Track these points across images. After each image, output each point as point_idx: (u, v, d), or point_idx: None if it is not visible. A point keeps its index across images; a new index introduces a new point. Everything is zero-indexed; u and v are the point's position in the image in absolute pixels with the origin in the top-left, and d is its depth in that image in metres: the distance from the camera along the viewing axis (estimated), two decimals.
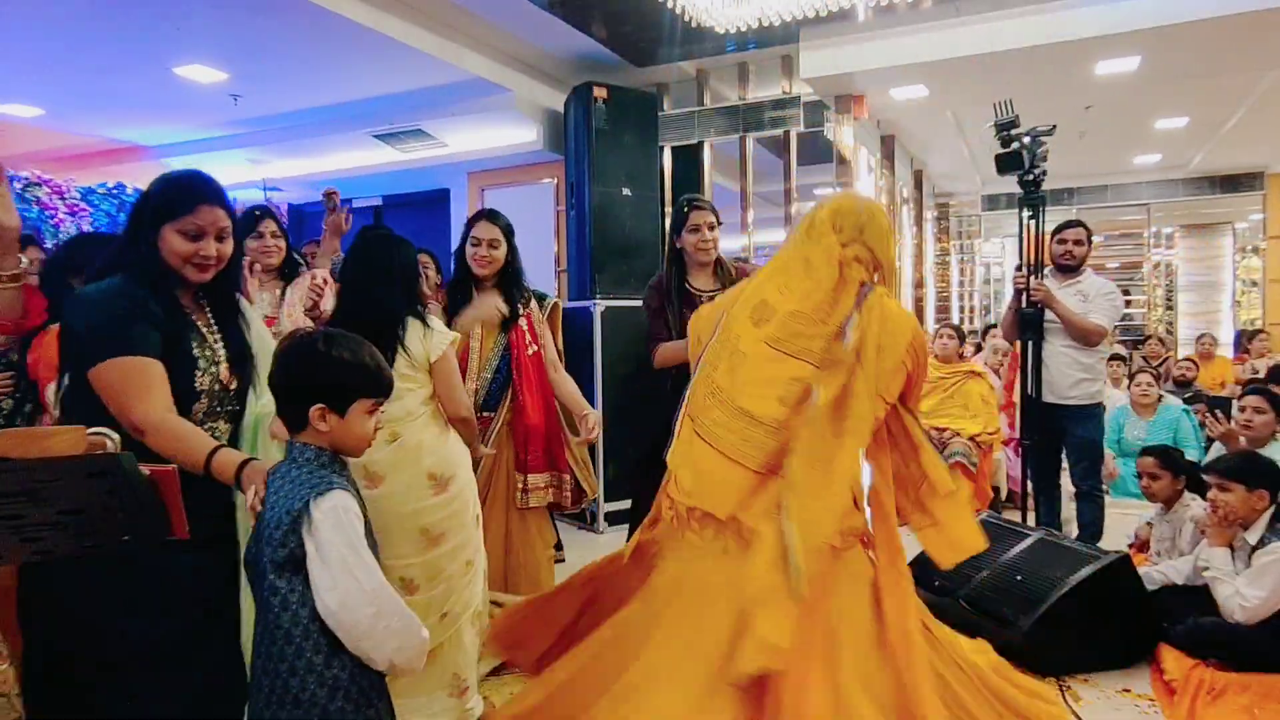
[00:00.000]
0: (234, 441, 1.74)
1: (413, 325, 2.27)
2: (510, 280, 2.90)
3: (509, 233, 2.88)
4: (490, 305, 2.86)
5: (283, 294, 2.86)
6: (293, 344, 1.53)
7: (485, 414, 2.85)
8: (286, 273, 2.92)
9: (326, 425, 1.45)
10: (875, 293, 1.88)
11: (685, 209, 2.98)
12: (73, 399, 1.62)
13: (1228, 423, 3.56)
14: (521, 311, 2.90)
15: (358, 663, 1.40)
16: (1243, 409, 3.56)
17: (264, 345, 1.83)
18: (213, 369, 1.69)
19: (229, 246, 1.70)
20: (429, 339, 2.28)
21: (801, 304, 1.84)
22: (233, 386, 1.72)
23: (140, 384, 1.54)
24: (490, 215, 2.88)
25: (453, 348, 2.33)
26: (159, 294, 1.64)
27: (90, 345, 1.56)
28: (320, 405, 1.44)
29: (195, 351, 1.66)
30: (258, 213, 2.89)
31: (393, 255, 2.34)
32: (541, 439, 2.90)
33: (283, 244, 2.92)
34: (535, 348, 2.91)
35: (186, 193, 1.65)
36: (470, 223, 2.89)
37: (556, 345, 3.06)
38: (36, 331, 2.36)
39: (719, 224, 3.01)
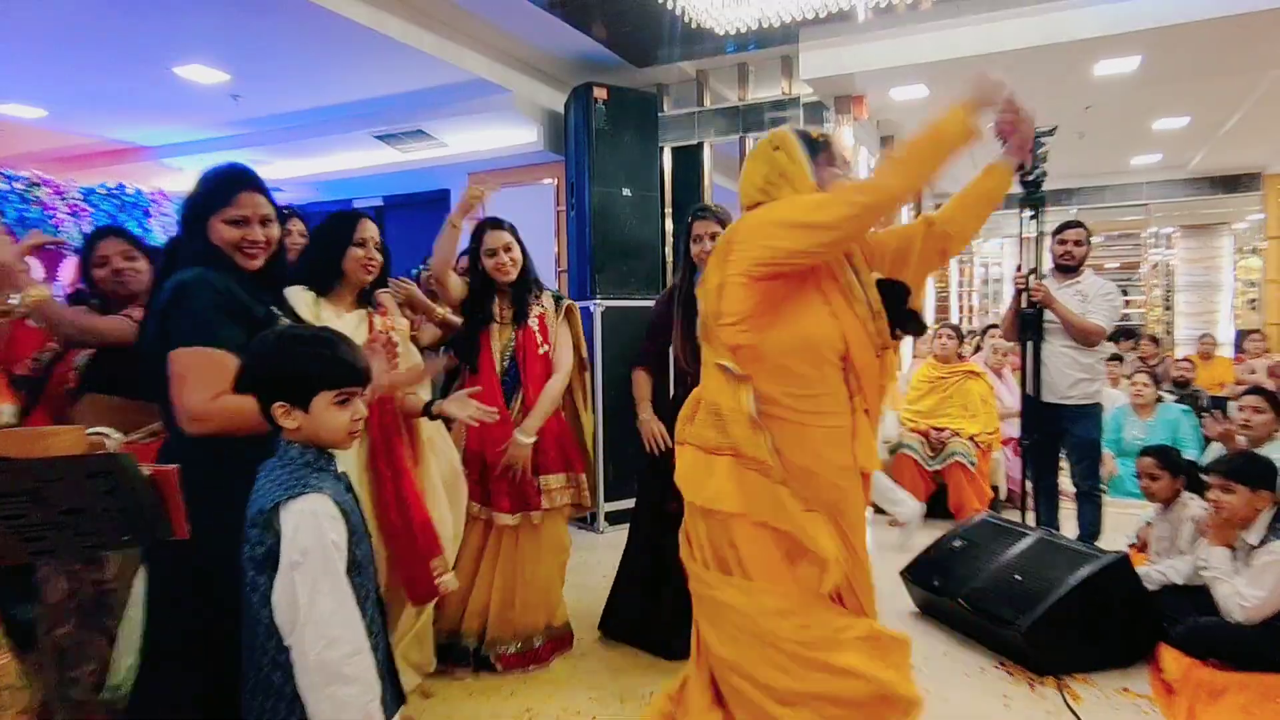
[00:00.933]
0: None
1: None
2: (523, 281, 2.90)
3: (516, 234, 2.89)
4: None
5: None
6: (251, 344, 1.53)
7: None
8: None
9: (293, 421, 1.44)
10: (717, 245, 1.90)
11: (690, 219, 2.95)
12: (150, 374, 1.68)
13: (1226, 422, 3.56)
14: (532, 311, 2.89)
15: None
16: (1241, 409, 3.57)
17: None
18: None
19: (275, 230, 1.79)
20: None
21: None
22: None
23: (207, 375, 1.59)
24: (495, 223, 2.87)
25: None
26: (226, 280, 1.70)
27: (178, 330, 1.63)
28: (281, 403, 1.43)
29: None
30: (286, 211, 2.89)
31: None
32: (553, 438, 2.87)
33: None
34: (546, 348, 2.89)
35: (225, 183, 1.75)
36: (477, 236, 2.86)
37: (579, 349, 3.01)
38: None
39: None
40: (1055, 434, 3.82)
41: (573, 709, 2.57)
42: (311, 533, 1.36)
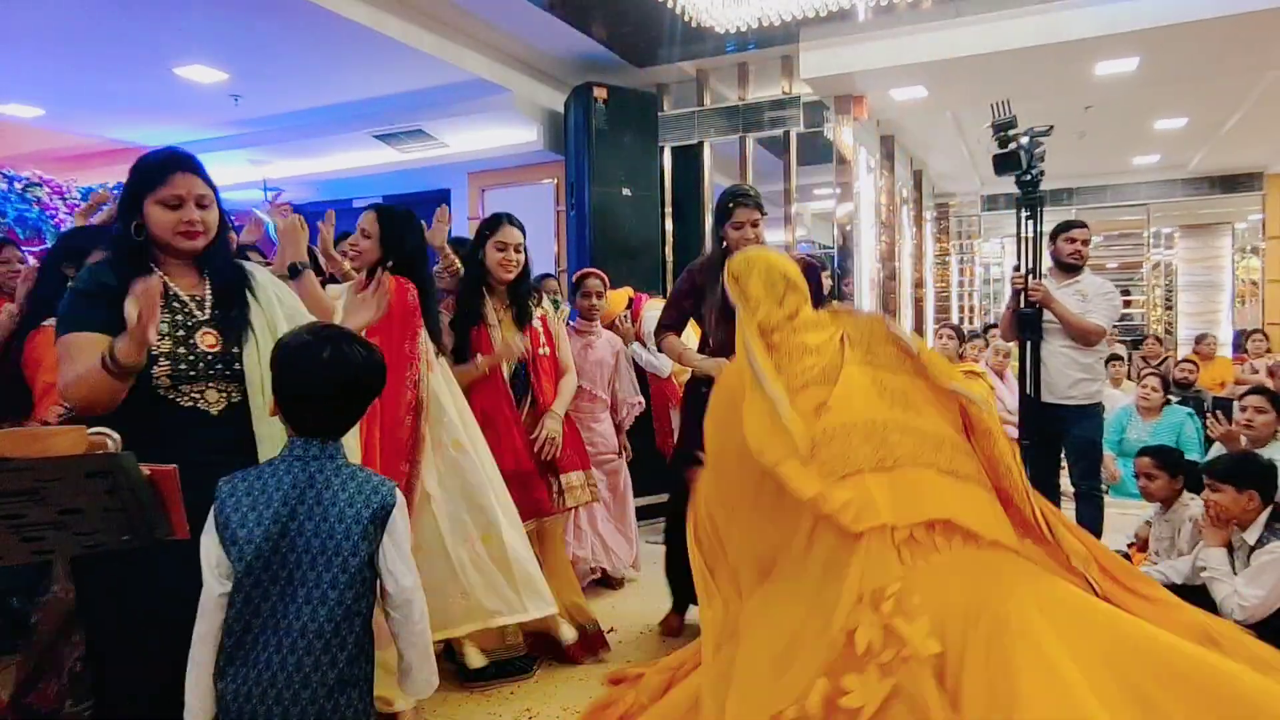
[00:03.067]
0: (244, 405, 1.74)
1: None
2: (523, 282, 2.89)
3: (524, 234, 2.89)
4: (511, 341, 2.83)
5: None
6: (339, 355, 1.48)
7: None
8: None
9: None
10: None
11: (730, 204, 2.91)
12: None
13: (1228, 424, 3.56)
14: (535, 312, 2.90)
15: None
16: (1244, 409, 3.56)
17: (290, 311, 1.87)
18: (179, 333, 1.69)
19: (214, 214, 1.75)
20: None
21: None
22: (215, 349, 1.72)
23: (66, 360, 1.61)
24: (510, 219, 2.86)
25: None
26: (127, 267, 1.67)
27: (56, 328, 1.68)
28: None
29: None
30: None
31: None
32: (568, 439, 2.88)
33: None
34: (548, 349, 2.91)
35: (160, 165, 1.71)
36: (490, 228, 2.84)
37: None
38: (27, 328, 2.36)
39: (764, 216, 2.93)
40: (1055, 434, 3.82)
41: (573, 709, 2.56)
42: (406, 513, 1.54)
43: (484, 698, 2.63)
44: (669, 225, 6.15)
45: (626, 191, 5.71)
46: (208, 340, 1.71)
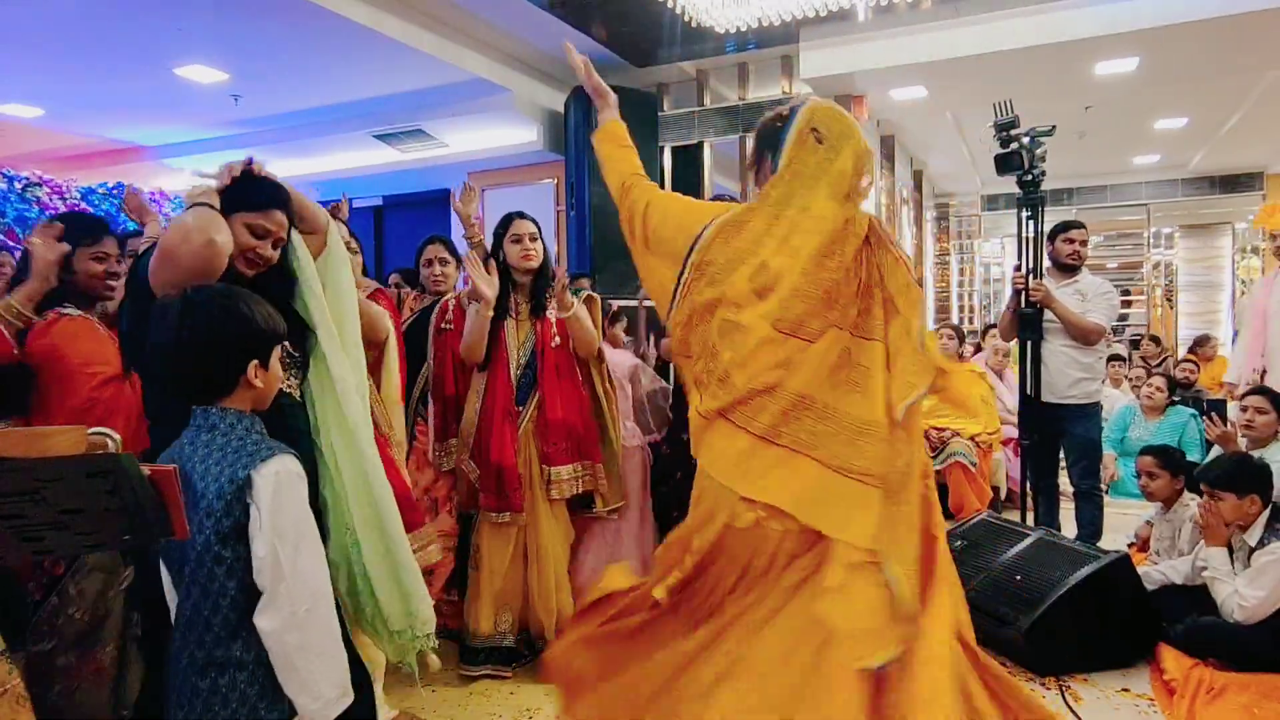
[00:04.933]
0: (303, 393, 1.83)
1: None
2: (542, 275, 2.90)
3: (539, 228, 2.93)
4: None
5: None
6: (202, 306, 1.40)
7: (516, 408, 2.83)
8: None
9: (260, 381, 1.42)
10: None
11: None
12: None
13: (1224, 425, 3.56)
14: (550, 304, 2.88)
15: None
16: (1244, 409, 3.56)
17: (336, 294, 1.90)
18: None
19: (278, 253, 1.77)
20: None
21: (805, 275, 1.54)
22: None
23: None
24: (520, 214, 2.92)
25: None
26: None
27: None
28: (255, 361, 1.41)
29: None
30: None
31: None
32: (563, 430, 2.82)
33: None
34: (560, 339, 2.87)
35: (266, 193, 1.72)
36: (503, 226, 2.89)
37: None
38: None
39: None
40: (1055, 434, 3.82)
41: None
42: (290, 492, 1.35)
43: (484, 697, 2.63)
44: None
45: None
46: None
